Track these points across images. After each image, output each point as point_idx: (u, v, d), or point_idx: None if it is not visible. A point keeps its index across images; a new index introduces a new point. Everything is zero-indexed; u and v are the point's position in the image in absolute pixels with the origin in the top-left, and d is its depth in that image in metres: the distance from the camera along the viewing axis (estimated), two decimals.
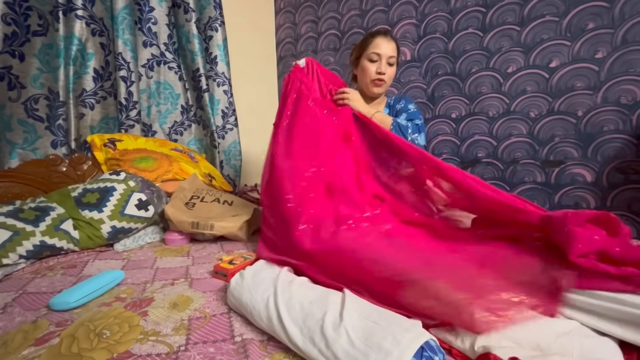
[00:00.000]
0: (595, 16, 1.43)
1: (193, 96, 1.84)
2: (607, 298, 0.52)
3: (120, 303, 0.68)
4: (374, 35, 1.19)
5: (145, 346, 0.53)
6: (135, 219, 1.10)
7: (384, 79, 1.19)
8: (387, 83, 1.21)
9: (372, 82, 1.20)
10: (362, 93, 1.27)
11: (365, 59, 1.20)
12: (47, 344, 0.54)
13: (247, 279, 0.66)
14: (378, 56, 1.17)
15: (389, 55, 1.17)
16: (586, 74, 1.47)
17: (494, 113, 1.70)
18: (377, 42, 1.17)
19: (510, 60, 1.63)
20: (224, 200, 1.30)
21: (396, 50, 1.20)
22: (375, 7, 2.03)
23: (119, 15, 1.47)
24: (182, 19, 1.73)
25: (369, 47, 1.18)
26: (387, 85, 1.22)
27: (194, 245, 1.12)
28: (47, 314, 0.65)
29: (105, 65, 1.49)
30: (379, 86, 1.20)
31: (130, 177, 1.17)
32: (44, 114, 1.32)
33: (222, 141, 1.93)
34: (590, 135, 1.49)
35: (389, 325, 0.49)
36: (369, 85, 1.21)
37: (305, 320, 0.53)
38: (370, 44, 1.18)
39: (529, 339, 0.51)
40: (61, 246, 0.95)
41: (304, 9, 2.35)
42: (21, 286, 0.77)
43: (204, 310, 0.66)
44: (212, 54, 1.83)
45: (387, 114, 1.27)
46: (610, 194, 1.47)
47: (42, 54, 1.30)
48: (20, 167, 1.23)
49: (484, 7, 1.68)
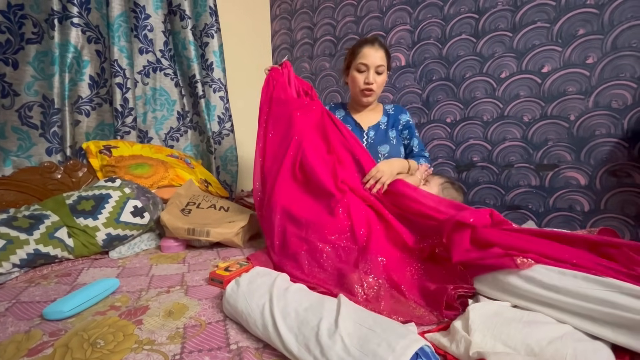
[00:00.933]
0: (586, 22, 1.46)
1: (189, 102, 1.85)
2: (599, 301, 0.53)
3: (115, 312, 0.68)
4: (361, 45, 1.19)
5: (139, 355, 0.53)
6: (130, 226, 1.09)
7: (373, 88, 1.19)
8: (376, 92, 1.22)
9: (361, 92, 1.21)
10: (355, 102, 1.30)
11: (353, 69, 1.20)
12: (40, 355, 0.54)
13: (242, 286, 0.66)
14: (365, 66, 1.17)
15: (376, 65, 1.17)
16: (578, 79, 1.49)
17: (488, 117, 1.72)
18: (364, 52, 1.17)
19: (503, 65, 1.66)
20: (220, 206, 1.30)
21: (385, 57, 1.19)
22: (370, 13, 2.06)
23: (114, 23, 1.47)
24: (178, 26, 1.74)
25: (357, 57, 1.19)
26: (377, 93, 1.23)
27: (190, 252, 1.12)
28: (41, 323, 0.64)
29: (101, 72, 1.49)
30: (368, 96, 1.22)
31: (125, 183, 1.17)
32: (38, 121, 1.32)
33: (219, 147, 1.93)
34: (582, 139, 1.51)
35: (384, 331, 0.49)
36: (358, 95, 1.23)
37: (301, 328, 0.53)
38: (358, 54, 1.18)
39: (523, 344, 0.51)
40: (55, 254, 0.95)
41: (299, 16, 2.37)
42: (14, 295, 0.76)
43: (199, 318, 0.66)
44: (208, 60, 1.84)
45: (385, 123, 1.29)
46: (603, 197, 1.48)
47: (37, 61, 1.30)
48: (14, 175, 1.22)
49: (477, 13, 1.71)
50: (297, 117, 1.11)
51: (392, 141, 1.27)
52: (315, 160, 1.04)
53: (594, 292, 0.54)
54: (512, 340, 0.52)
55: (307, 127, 1.11)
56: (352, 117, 1.31)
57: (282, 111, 1.14)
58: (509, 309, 0.61)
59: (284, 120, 1.12)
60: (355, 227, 0.91)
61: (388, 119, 1.31)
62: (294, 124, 1.10)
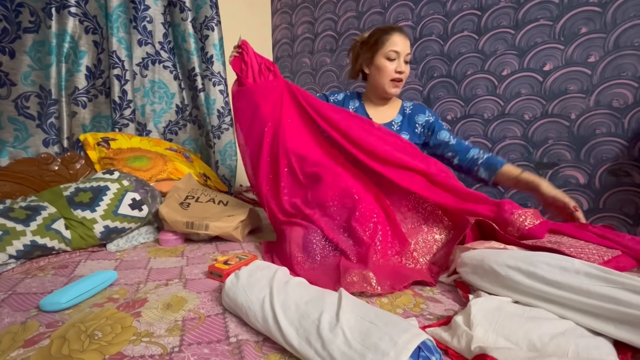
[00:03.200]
0: (588, 20, 1.45)
1: (188, 95, 1.83)
2: (602, 298, 0.53)
3: (113, 304, 0.67)
4: (389, 32, 1.12)
5: (138, 347, 0.52)
6: (128, 219, 1.08)
7: (403, 77, 1.13)
8: (403, 82, 1.16)
9: (391, 82, 1.13)
10: (374, 94, 1.22)
11: (382, 57, 1.12)
12: (36, 346, 0.53)
13: (242, 280, 0.65)
14: (397, 54, 1.10)
15: (406, 53, 1.11)
16: (579, 77, 1.49)
17: (489, 115, 1.71)
18: (394, 39, 1.11)
19: (504, 63, 1.65)
20: (219, 200, 1.29)
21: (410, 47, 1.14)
22: (371, 8, 2.04)
23: (113, 13, 1.45)
24: (177, 18, 1.72)
25: (385, 44, 1.11)
26: (402, 84, 1.17)
27: (189, 246, 1.11)
28: (37, 315, 0.63)
29: (98, 63, 1.47)
30: (397, 86, 1.15)
31: (124, 176, 1.16)
32: (35, 112, 1.30)
33: (218, 141, 1.92)
34: (583, 138, 1.51)
35: (386, 325, 0.49)
36: (386, 85, 1.14)
37: (301, 321, 0.53)
38: (387, 41, 1.11)
39: (525, 339, 0.51)
40: (52, 246, 0.94)
41: (300, 10, 2.35)
42: (11, 286, 0.75)
43: (198, 311, 0.65)
44: (208, 53, 1.82)
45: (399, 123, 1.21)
46: (602, 196, 1.49)
47: (34, 51, 1.28)
48: (11, 166, 1.20)
49: (479, 10, 1.70)
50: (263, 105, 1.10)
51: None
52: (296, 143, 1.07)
53: (596, 289, 0.54)
54: (514, 335, 0.51)
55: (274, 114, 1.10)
56: (366, 110, 1.23)
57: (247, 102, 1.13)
58: (511, 304, 0.61)
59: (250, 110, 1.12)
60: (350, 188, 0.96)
61: (403, 118, 1.21)
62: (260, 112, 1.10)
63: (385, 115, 1.22)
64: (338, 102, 1.26)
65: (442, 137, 1.18)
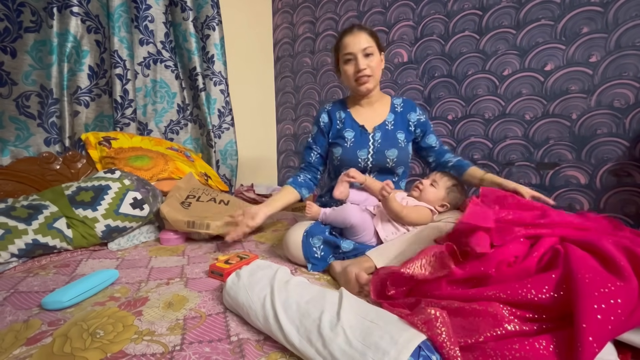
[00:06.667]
0: (590, 20, 1.45)
1: (189, 95, 1.83)
2: None
3: (114, 302, 0.67)
4: (340, 38, 1.12)
5: (139, 346, 0.53)
6: (130, 218, 1.09)
7: (367, 73, 1.09)
8: (374, 76, 1.10)
9: (356, 83, 1.11)
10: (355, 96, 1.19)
11: (342, 62, 1.13)
12: (39, 344, 0.53)
13: (243, 279, 0.66)
14: (351, 55, 1.09)
15: (362, 48, 1.07)
16: (580, 78, 1.49)
17: (490, 115, 1.71)
18: (344, 42, 1.10)
19: (506, 63, 1.65)
20: (220, 199, 1.29)
21: (370, 38, 1.09)
22: (372, 8, 2.04)
23: (115, 13, 1.45)
24: (179, 18, 1.72)
25: (340, 49, 1.12)
26: (375, 77, 1.11)
27: (190, 245, 1.11)
28: (39, 313, 0.63)
29: (100, 63, 1.47)
30: (365, 82, 1.10)
31: (125, 175, 1.16)
32: (35, 111, 1.30)
33: (219, 141, 1.92)
34: (584, 138, 1.50)
35: (386, 324, 0.49)
36: (354, 87, 1.13)
37: (302, 320, 0.53)
38: (341, 46, 1.11)
39: None
40: (54, 245, 0.94)
41: (301, 10, 2.35)
42: (13, 285, 0.76)
43: (199, 309, 0.65)
44: (209, 53, 1.83)
45: (392, 122, 1.16)
46: (603, 196, 1.48)
47: (35, 50, 1.28)
48: (12, 165, 1.21)
49: (481, 10, 1.69)
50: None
51: (401, 144, 1.13)
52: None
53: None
54: None
55: None
56: (355, 119, 1.17)
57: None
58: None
59: None
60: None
61: (395, 117, 1.17)
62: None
63: (376, 116, 1.18)
64: (326, 124, 1.19)
65: (430, 141, 1.19)
